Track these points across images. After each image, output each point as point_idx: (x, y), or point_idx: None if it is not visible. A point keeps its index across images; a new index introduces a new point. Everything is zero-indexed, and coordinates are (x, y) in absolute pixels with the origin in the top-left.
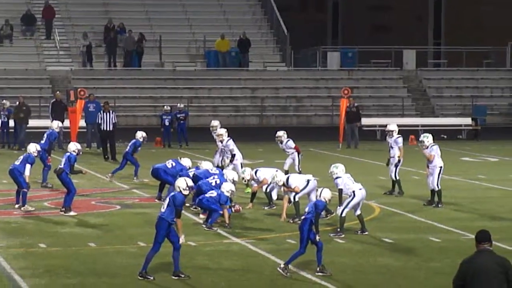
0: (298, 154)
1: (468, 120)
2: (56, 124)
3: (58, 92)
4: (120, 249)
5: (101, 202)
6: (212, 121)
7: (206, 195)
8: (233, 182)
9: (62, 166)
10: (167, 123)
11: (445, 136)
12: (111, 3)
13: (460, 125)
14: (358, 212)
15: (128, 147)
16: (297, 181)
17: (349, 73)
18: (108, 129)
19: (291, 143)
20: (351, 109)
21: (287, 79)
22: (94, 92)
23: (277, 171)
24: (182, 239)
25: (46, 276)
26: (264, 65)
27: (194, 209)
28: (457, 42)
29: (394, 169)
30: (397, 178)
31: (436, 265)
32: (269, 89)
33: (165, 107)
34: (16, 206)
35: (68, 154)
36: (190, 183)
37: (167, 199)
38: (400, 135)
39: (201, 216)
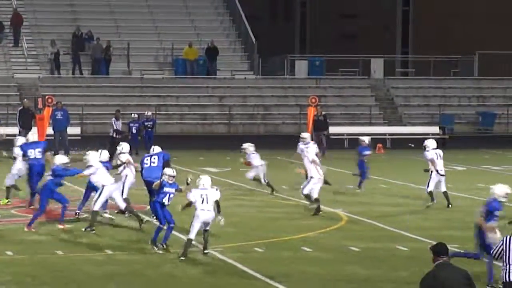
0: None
1: (435, 129)
2: None
3: (26, 99)
4: (87, 257)
5: (68, 209)
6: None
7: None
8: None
9: None
10: (134, 131)
11: (413, 145)
12: (79, 11)
13: (428, 134)
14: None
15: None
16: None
17: (316, 82)
18: (117, 136)
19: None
20: (319, 118)
21: (255, 88)
22: (62, 99)
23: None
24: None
25: (13, 283)
26: (232, 73)
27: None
28: (424, 51)
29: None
30: (429, 190)
31: (403, 274)
32: (236, 97)
33: (133, 115)
34: None
35: None
36: None
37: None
38: (428, 150)
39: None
